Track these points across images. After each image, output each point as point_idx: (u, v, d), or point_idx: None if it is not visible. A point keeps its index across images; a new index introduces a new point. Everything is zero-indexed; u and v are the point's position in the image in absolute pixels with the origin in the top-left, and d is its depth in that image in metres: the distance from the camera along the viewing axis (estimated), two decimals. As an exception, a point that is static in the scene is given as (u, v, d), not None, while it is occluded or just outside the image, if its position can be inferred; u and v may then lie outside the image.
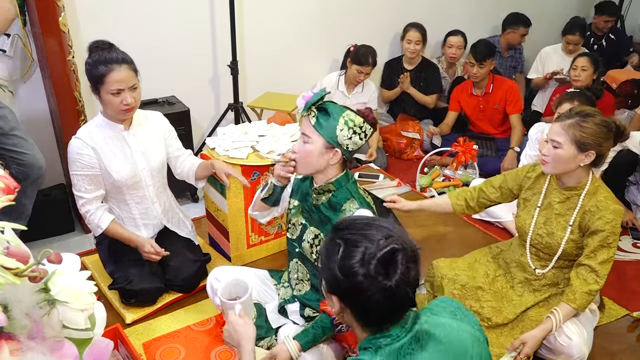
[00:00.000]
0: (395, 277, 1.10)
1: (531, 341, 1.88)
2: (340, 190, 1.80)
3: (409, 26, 3.97)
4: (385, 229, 1.16)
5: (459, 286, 2.16)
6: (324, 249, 1.20)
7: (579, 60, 3.47)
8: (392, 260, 1.11)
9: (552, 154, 1.93)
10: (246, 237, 2.59)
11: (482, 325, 2.10)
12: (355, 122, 1.72)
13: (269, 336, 1.95)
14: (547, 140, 1.97)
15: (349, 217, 1.30)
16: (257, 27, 3.59)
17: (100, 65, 2.02)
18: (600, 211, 1.91)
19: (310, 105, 1.72)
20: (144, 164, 2.24)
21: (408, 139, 3.91)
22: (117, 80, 2.02)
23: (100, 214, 2.20)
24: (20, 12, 2.65)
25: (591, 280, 1.90)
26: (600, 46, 4.70)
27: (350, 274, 1.11)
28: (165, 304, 2.30)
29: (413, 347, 1.15)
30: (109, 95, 2.04)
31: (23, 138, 2.50)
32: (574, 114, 1.92)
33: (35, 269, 0.90)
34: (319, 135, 1.72)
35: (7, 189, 0.97)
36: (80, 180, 2.14)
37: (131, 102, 2.07)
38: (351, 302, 1.16)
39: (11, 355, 0.87)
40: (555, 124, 1.95)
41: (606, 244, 1.90)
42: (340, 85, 3.70)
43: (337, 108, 1.74)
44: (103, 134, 2.16)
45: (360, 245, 1.13)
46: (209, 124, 3.58)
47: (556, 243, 2.01)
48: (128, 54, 2.10)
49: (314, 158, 1.75)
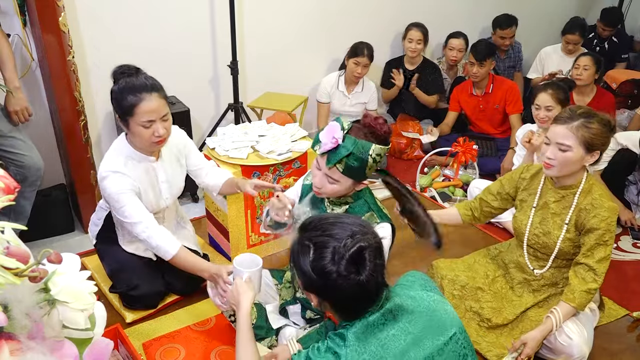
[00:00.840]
0: (365, 272, 1.20)
1: (532, 342, 1.88)
2: (358, 202, 1.79)
3: (411, 25, 3.97)
4: (350, 227, 1.24)
5: (458, 287, 2.17)
6: (294, 251, 1.28)
7: (581, 59, 3.47)
8: (361, 258, 1.20)
9: (560, 157, 1.90)
10: (246, 237, 2.59)
11: (482, 326, 2.12)
12: (382, 154, 1.67)
13: (269, 336, 1.95)
14: (549, 143, 1.94)
15: (313, 216, 1.35)
16: (257, 27, 3.58)
17: (129, 94, 1.87)
18: (595, 209, 1.91)
19: (339, 159, 1.63)
20: (168, 194, 2.17)
21: (408, 139, 3.91)
22: (148, 111, 1.87)
23: (168, 237, 1.99)
24: (20, 12, 2.65)
25: (589, 279, 1.90)
26: (602, 48, 4.70)
27: (323, 274, 1.20)
28: (165, 304, 2.30)
29: (386, 319, 1.26)
30: (139, 127, 1.90)
31: (21, 140, 2.50)
32: (577, 114, 1.89)
33: (35, 269, 0.90)
34: (347, 178, 1.69)
35: (7, 189, 0.97)
36: (132, 208, 1.96)
37: (163, 133, 1.92)
38: (328, 297, 1.26)
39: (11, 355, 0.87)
40: (559, 127, 1.90)
41: (602, 242, 1.90)
42: (340, 85, 3.70)
43: (362, 146, 1.61)
44: (134, 167, 2.02)
45: (329, 245, 1.21)
46: (209, 124, 3.58)
47: (552, 242, 2.01)
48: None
49: (342, 192, 1.74)
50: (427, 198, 3.33)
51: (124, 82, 1.91)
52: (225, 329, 2.18)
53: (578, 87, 3.54)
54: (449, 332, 1.30)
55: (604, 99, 3.59)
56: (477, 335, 2.11)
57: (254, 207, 2.56)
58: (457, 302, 2.16)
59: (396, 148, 3.93)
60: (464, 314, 2.15)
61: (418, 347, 1.24)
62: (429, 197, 3.35)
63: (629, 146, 2.98)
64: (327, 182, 1.70)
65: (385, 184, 1.76)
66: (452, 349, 1.29)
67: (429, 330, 1.27)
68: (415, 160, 3.83)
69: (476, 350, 2.06)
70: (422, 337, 1.26)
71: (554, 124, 1.96)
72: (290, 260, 1.31)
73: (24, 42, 2.78)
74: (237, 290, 1.64)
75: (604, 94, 3.63)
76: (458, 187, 3.39)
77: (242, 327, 1.57)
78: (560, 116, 1.94)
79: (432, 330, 1.28)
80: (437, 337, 1.28)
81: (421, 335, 1.26)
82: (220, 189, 2.27)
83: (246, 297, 1.61)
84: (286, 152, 2.50)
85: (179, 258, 1.98)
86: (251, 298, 1.62)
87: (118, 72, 1.95)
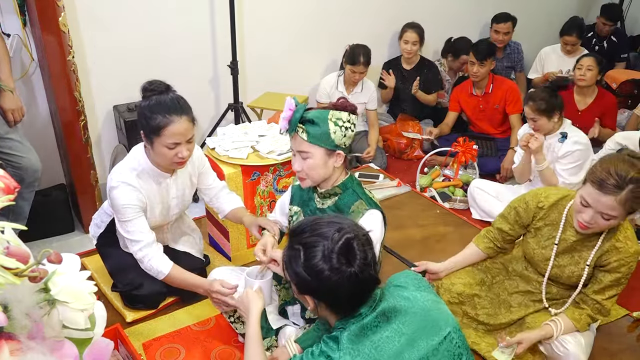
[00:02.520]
0: (357, 262, 1.23)
1: (526, 342, 1.88)
2: (346, 193, 1.80)
3: (406, 26, 3.96)
4: (335, 223, 1.27)
5: (455, 294, 2.12)
6: (286, 257, 1.30)
7: (584, 60, 3.46)
8: (350, 249, 1.23)
9: (602, 223, 1.75)
10: (246, 237, 2.59)
11: (479, 329, 2.09)
12: (343, 119, 1.71)
13: (269, 337, 1.95)
14: (586, 205, 1.76)
15: (300, 221, 1.38)
16: (257, 27, 3.58)
17: (159, 114, 1.83)
18: (619, 253, 1.83)
19: (296, 123, 1.70)
20: (176, 209, 2.17)
21: (408, 139, 3.91)
22: (177, 134, 1.85)
23: (160, 257, 2.01)
24: (20, 12, 2.65)
25: (595, 311, 1.91)
26: (601, 47, 4.69)
27: (316, 273, 1.23)
28: (165, 304, 2.30)
29: (379, 321, 1.27)
30: (164, 147, 1.88)
31: (19, 141, 2.49)
32: (626, 182, 1.66)
33: (35, 269, 0.89)
34: (316, 147, 1.71)
35: (7, 189, 0.96)
36: (135, 225, 1.98)
37: (186, 155, 1.92)
38: (323, 296, 1.28)
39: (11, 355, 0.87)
40: (605, 197, 1.69)
41: (617, 284, 1.87)
42: (340, 86, 3.70)
43: (319, 113, 1.71)
44: (150, 181, 2.02)
45: (318, 244, 1.24)
46: (209, 124, 3.58)
47: (567, 277, 1.94)
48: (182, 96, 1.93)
49: (320, 169, 1.74)
50: (427, 198, 3.33)
51: (154, 100, 1.86)
52: (225, 329, 2.18)
53: (580, 88, 3.54)
54: (444, 332, 1.30)
55: (605, 100, 3.59)
56: (476, 336, 2.10)
57: (254, 207, 2.56)
58: (455, 308, 2.12)
59: (396, 148, 3.93)
60: (461, 319, 2.12)
61: (412, 348, 1.24)
62: (429, 197, 3.35)
63: (629, 146, 2.98)
64: (302, 160, 1.73)
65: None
66: (446, 349, 1.29)
67: (423, 331, 1.27)
68: (415, 160, 3.83)
69: (476, 351, 2.06)
70: (416, 337, 1.26)
71: (599, 191, 1.70)
72: (283, 268, 1.34)
73: (24, 42, 2.78)
74: (248, 299, 1.64)
75: (605, 95, 3.62)
76: (458, 187, 3.39)
77: (251, 336, 1.56)
78: (607, 184, 1.69)
79: (426, 331, 1.28)
80: (431, 337, 1.28)
81: (415, 336, 1.26)
82: (226, 215, 2.26)
83: (255, 307, 1.61)
84: (286, 152, 2.50)
85: (172, 277, 2.00)
86: (260, 308, 1.62)
87: (148, 87, 1.89)
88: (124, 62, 3.11)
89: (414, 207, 3.21)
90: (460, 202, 3.28)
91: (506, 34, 4.27)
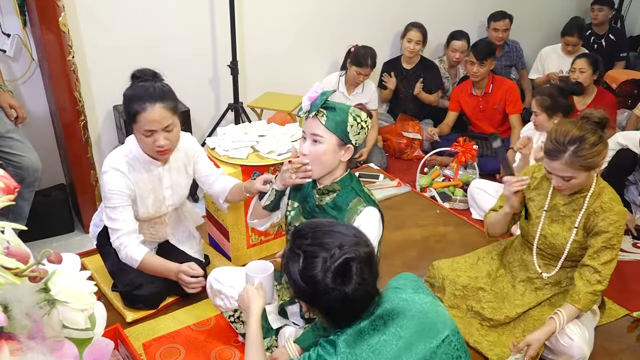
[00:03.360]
0: (351, 285, 1.21)
1: (535, 343, 1.88)
2: (345, 190, 1.80)
3: (411, 25, 3.97)
4: (341, 236, 1.25)
5: (460, 287, 2.16)
6: (286, 259, 1.30)
7: (577, 62, 3.47)
8: (347, 270, 1.21)
9: (568, 184, 1.89)
10: (246, 237, 2.59)
11: (484, 325, 2.12)
12: (362, 117, 1.74)
13: (269, 337, 1.95)
14: (551, 175, 1.91)
15: (309, 223, 1.37)
16: (257, 27, 3.58)
17: (134, 102, 1.87)
18: (604, 212, 1.91)
19: (319, 105, 1.70)
20: (171, 201, 2.18)
21: (408, 139, 3.91)
22: (150, 121, 1.87)
23: (136, 246, 2.04)
24: (20, 12, 2.65)
25: (594, 281, 1.90)
26: (600, 45, 4.69)
27: (311, 284, 1.23)
28: (165, 304, 2.30)
29: (377, 324, 1.26)
30: (141, 135, 1.91)
31: (19, 140, 2.50)
32: (564, 144, 1.83)
33: (35, 269, 0.90)
34: (331, 134, 1.71)
35: (7, 189, 0.96)
36: (119, 213, 2.01)
37: (164, 144, 1.92)
38: (316, 306, 1.28)
39: (11, 355, 0.87)
40: (553, 162, 1.86)
41: (610, 245, 1.90)
42: (341, 86, 3.70)
43: (341, 105, 1.75)
44: (141, 169, 2.04)
45: (318, 255, 1.23)
46: (209, 124, 3.58)
47: (561, 244, 2.01)
48: (168, 85, 1.95)
49: (328, 158, 1.73)
50: (427, 198, 3.34)
51: (134, 88, 1.90)
52: (225, 329, 2.18)
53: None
54: (442, 335, 1.29)
55: (604, 99, 3.58)
56: (478, 334, 2.11)
57: (254, 207, 2.56)
58: (459, 302, 2.16)
59: (396, 148, 3.93)
60: (465, 313, 2.15)
61: (410, 352, 1.24)
62: (429, 197, 3.35)
63: (629, 146, 2.98)
64: (312, 144, 1.73)
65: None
66: (444, 352, 1.28)
67: (421, 334, 1.27)
68: (415, 160, 3.82)
69: (477, 349, 2.07)
70: (414, 341, 1.25)
71: (546, 157, 1.90)
72: (282, 267, 1.33)
73: (24, 42, 2.78)
74: (248, 296, 1.63)
75: (605, 95, 3.62)
76: (458, 187, 3.39)
77: (252, 332, 1.56)
78: (549, 150, 1.87)
79: (424, 334, 1.27)
80: (429, 340, 1.27)
81: (413, 340, 1.25)
82: (226, 196, 2.26)
83: (256, 304, 1.60)
84: (286, 152, 2.50)
85: (145, 263, 2.03)
86: (261, 305, 1.62)
87: (136, 75, 1.94)
88: (124, 62, 3.10)
89: (414, 207, 3.21)
90: (460, 202, 3.28)
91: (505, 31, 4.29)
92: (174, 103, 1.93)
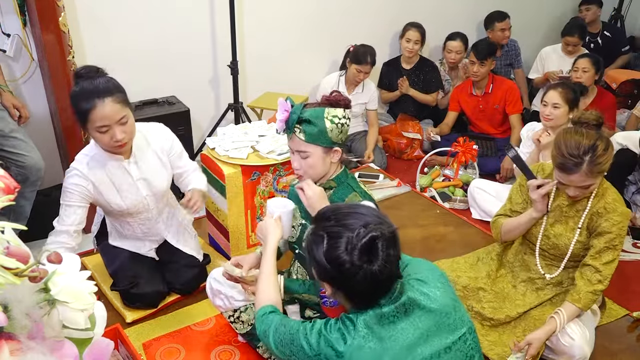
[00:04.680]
0: (377, 262, 1.22)
1: (536, 342, 1.88)
2: (341, 187, 1.81)
3: (409, 25, 3.98)
4: (363, 216, 1.26)
5: (460, 287, 2.16)
6: (309, 241, 1.30)
7: (579, 61, 3.47)
8: (373, 248, 1.22)
9: (585, 192, 1.91)
10: (246, 237, 2.59)
11: (484, 325, 2.12)
12: (339, 115, 1.72)
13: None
14: (567, 186, 1.90)
15: (329, 206, 1.39)
16: (257, 27, 3.59)
17: (82, 100, 1.83)
18: (608, 213, 1.91)
19: (293, 124, 1.71)
20: (147, 191, 2.14)
21: (408, 139, 3.91)
22: (101, 117, 1.83)
23: (57, 247, 1.97)
24: (20, 12, 2.65)
25: (595, 281, 1.91)
26: (596, 44, 4.70)
27: (337, 264, 1.23)
28: (165, 304, 2.31)
29: (397, 313, 1.27)
30: (96, 132, 1.88)
31: (22, 140, 2.50)
32: (580, 156, 1.82)
33: (35, 269, 0.90)
34: (314, 146, 1.72)
35: (7, 189, 0.97)
36: (67, 211, 2.01)
37: (122, 137, 1.88)
38: (341, 286, 1.28)
39: (11, 355, 0.87)
40: (573, 176, 1.84)
41: (612, 246, 1.91)
42: (341, 86, 3.70)
43: (315, 112, 1.71)
44: (103, 167, 2.02)
45: (342, 235, 1.23)
46: (209, 124, 3.58)
47: (564, 245, 2.01)
48: (113, 79, 1.91)
49: (319, 167, 1.76)
50: (427, 198, 3.33)
51: (79, 87, 1.85)
52: (225, 329, 2.19)
53: (578, 89, 3.54)
54: (459, 332, 1.31)
55: (604, 99, 3.58)
56: (479, 334, 2.10)
57: (254, 207, 2.56)
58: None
59: (396, 148, 3.93)
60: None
61: (425, 343, 1.26)
62: (429, 197, 3.35)
63: (629, 146, 2.98)
64: (302, 159, 1.75)
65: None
66: (459, 349, 1.30)
67: (439, 329, 1.29)
68: (415, 160, 3.82)
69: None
70: (431, 334, 1.28)
71: (564, 173, 1.87)
72: (305, 250, 1.34)
73: (24, 42, 2.78)
74: (266, 226, 1.69)
75: (605, 95, 3.62)
76: (458, 187, 3.39)
77: (266, 263, 1.63)
78: (563, 165, 1.85)
79: (442, 329, 1.29)
80: (446, 335, 1.29)
81: (430, 333, 1.28)
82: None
83: (273, 234, 1.67)
84: (286, 152, 2.50)
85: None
86: (278, 237, 1.68)
87: (78, 73, 1.89)
88: (124, 62, 3.11)
89: (414, 207, 3.21)
90: (460, 202, 3.28)
91: (509, 30, 4.31)
92: (123, 96, 1.90)
